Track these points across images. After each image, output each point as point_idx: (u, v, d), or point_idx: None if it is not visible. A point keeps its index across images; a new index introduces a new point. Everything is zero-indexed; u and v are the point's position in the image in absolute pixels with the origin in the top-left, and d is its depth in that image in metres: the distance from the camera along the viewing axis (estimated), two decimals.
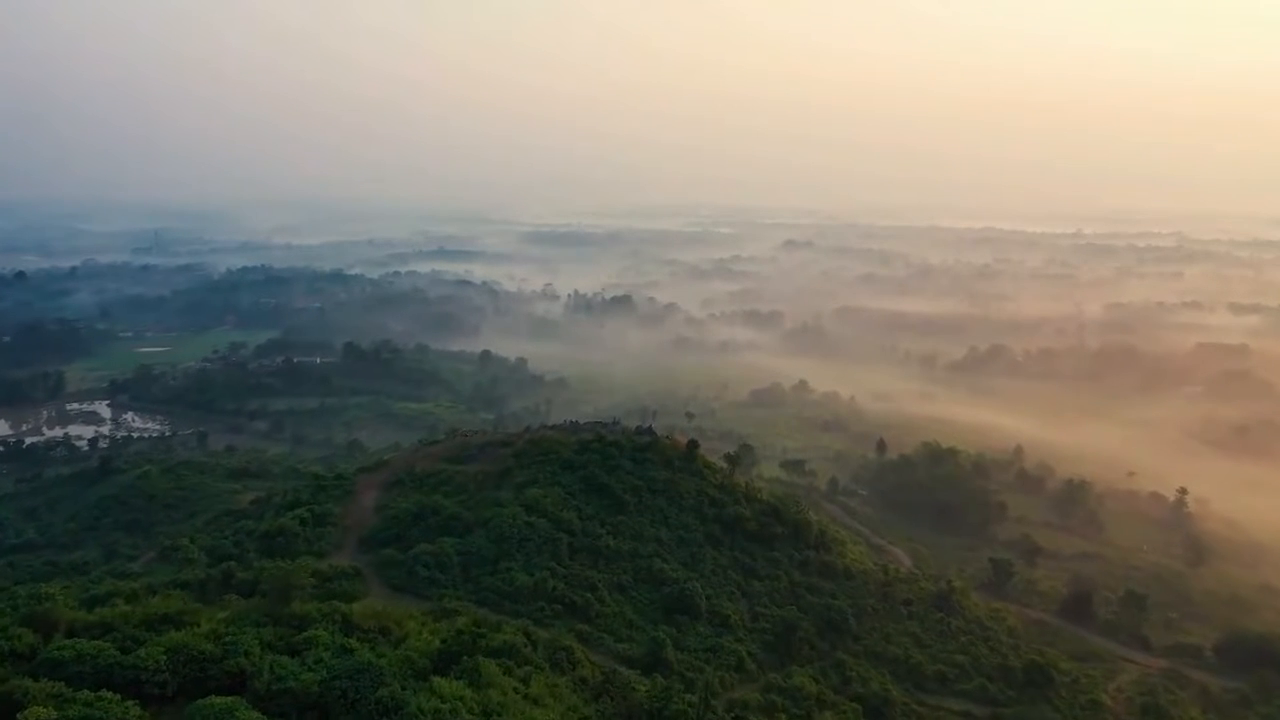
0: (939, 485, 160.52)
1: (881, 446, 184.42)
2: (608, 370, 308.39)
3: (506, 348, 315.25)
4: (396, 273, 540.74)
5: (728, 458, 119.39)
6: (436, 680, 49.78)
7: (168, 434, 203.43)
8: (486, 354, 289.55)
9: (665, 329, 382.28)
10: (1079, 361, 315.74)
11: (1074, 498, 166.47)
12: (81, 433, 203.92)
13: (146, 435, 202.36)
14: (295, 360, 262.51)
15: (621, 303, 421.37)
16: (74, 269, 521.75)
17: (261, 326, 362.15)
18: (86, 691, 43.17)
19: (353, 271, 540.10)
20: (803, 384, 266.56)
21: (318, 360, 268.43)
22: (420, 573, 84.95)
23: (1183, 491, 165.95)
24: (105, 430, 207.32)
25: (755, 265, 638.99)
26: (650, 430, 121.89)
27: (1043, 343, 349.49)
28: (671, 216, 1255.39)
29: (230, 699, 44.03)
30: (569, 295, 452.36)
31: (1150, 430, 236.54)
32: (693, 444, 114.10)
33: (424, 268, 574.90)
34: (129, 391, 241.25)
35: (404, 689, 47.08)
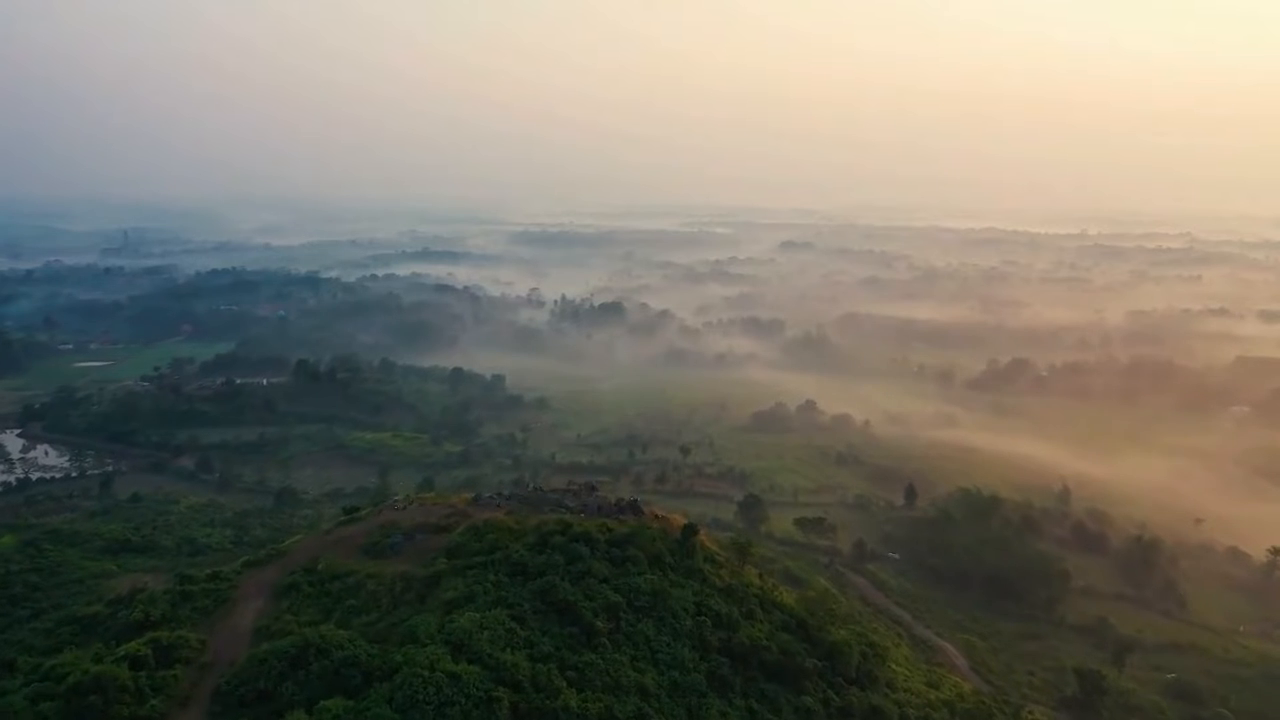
0: (986, 548, 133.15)
1: (911, 494, 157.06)
2: (594, 388, 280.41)
3: (484, 362, 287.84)
4: (374, 276, 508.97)
5: (735, 546, 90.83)
6: None
7: (74, 475, 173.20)
8: (459, 372, 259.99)
9: (658, 339, 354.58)
10: (1110, 378, 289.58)
11: (1145, 559, 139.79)
12: None
13: (50, 476, 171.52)
14: (238, 382, 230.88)
15: (611, 310, 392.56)
16: (30, 272, 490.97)
17: (218, 337, 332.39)
18: None
19: (329, 274, 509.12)
20: (810, 404, 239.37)
21: (264, 382, 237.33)
22: None
23: (1275, 552, 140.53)
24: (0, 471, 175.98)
25: (753, 268, 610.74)
26: (635, 506, 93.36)
27: (1067, 355, 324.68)
28: (666, 216, 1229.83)
29: None
30: (555, 301, 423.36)
31: (1203, 462, 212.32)
32: (689, 530, 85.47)
33: (405, 270, 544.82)
34: (44, 419, 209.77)
35: None
